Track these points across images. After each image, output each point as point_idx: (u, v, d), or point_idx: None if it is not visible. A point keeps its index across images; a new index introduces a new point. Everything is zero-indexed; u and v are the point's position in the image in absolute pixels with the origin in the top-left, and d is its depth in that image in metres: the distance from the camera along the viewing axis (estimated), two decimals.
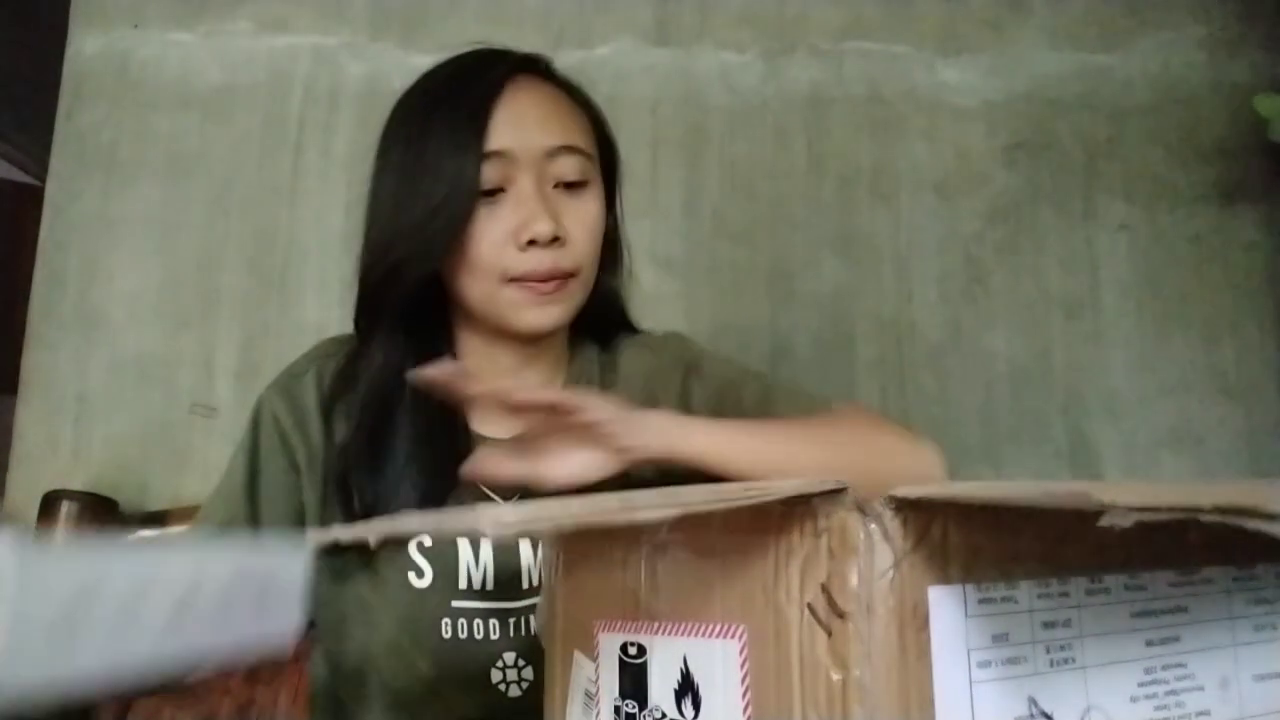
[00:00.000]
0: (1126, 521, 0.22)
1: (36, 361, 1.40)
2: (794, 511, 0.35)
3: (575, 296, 0.79)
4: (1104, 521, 0.22)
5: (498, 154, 0.74)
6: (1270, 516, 0.21)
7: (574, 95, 0.82)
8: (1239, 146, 1.47)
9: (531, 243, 0.74)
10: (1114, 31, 1.52)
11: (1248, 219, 1.47)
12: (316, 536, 0.46)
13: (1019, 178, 1.48)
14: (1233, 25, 1.51)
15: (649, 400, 0.85)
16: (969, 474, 1.36)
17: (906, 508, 0.34)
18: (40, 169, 1.54)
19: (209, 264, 1.43)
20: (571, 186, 0.78)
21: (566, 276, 0.76)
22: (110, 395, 1.38)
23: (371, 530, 0.41)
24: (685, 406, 0.86)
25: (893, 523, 0.33)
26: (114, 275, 1.42)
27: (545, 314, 0.77)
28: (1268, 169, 1.46)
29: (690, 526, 0.32)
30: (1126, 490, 0.23)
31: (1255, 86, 1.45)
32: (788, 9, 1.52)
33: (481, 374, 0.82)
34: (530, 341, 0.81)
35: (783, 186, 1.48)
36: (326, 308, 1.40)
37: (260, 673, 1.19)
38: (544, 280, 0.75)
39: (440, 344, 0.82)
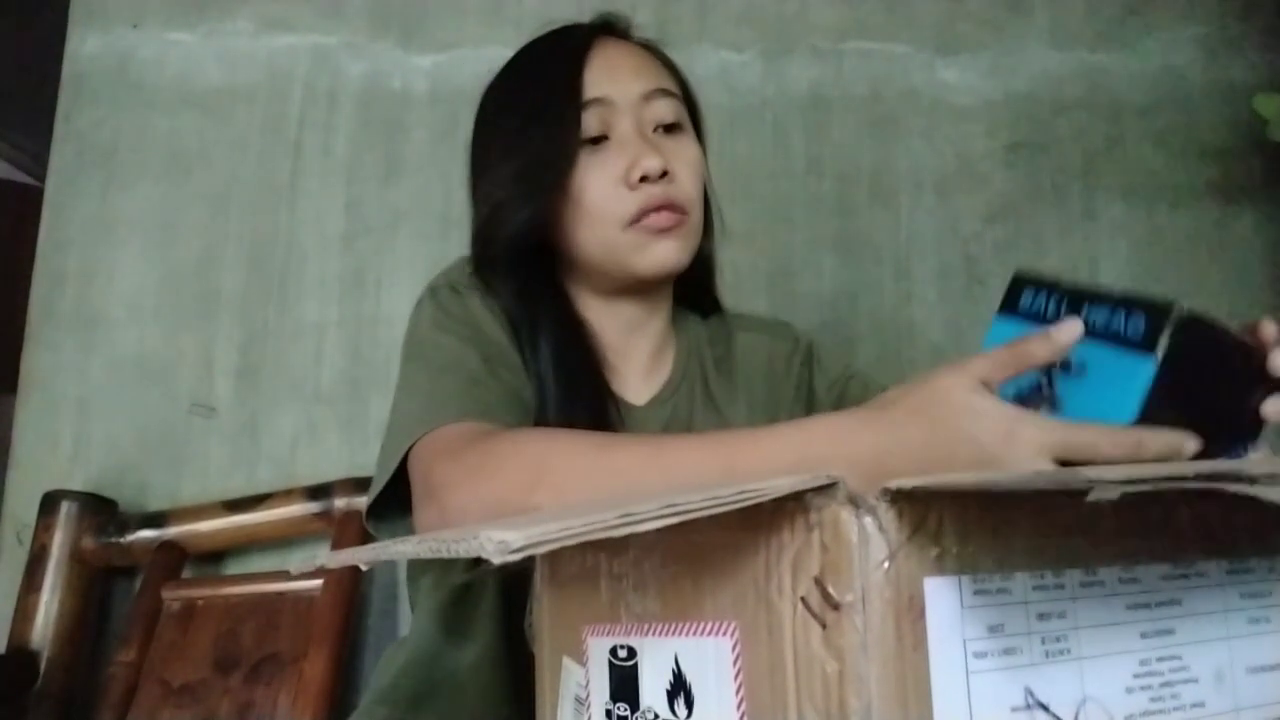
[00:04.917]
0: (1113, 494, 0.22)
1: (36, 361, 1.40)
2: (784, 507, 0.35)
3: (690, 237, 0.80)
4: (1092, 496, 0.22)
5: (596, 101, 0.77)
6: (1250, 480, 0.21)
7: (657, 52, 0.85)
8: (1239, 146, 1.47)
9: (643, 180, 0.76)
10: (1114, 31, 1.52)
11: (1247, 218, 1.46)
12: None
13: (1019, 177, 1.48)
14: (1232, 25, 1.51)
15: (770, 382, 0.90)
16: None
17: (901, 499, 0.33)
18: (40, 169, 1.54)
19: (209, 264, 1.43)
20: (669, 130, 0.80)
21: (680, 212, 0.77)
22: (110, 395, 1.38)
23: (361, 555, 0.40)
24: (807, 392, 0.90)
25: (887, 514, 0.33)
26: (114, 275, 1.42)
27: (667, 249, 0.77)
28: (1267, 169, 1.46)
29: (677, 526, 0.32)
30: (1113, 469, 0.23)
31: (1255, 86, 1.45)
32: (788, 9, 1.52)
33: (602, 332, 0.83)
34: (648, 294, 0.83)
35: (783, 186, 1.48)
36: (326, 308, 1.40)
37: (260, 673, 1.19)
38: (660, 211, 0.76)
39: (557, 303, 0.82)
